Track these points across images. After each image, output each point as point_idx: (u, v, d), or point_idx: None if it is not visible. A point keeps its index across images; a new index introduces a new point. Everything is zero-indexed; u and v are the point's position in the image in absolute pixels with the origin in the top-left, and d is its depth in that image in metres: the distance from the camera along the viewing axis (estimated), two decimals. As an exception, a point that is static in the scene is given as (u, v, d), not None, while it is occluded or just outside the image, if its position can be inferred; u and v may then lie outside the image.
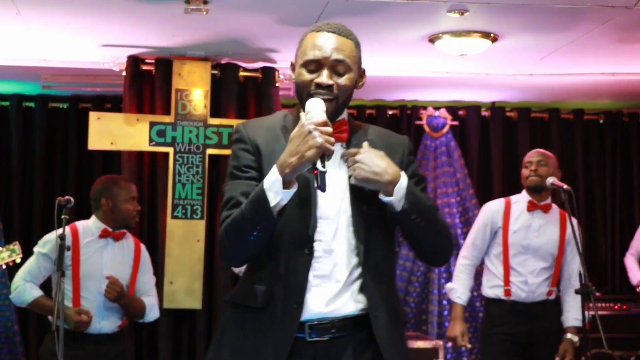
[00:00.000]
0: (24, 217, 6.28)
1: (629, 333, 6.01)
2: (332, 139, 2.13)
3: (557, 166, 4.67)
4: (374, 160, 2.20)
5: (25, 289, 4.19)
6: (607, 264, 6.79)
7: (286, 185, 2.12)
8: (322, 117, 2.16)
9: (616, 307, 6.07)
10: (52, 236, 4.23)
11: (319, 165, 2.12)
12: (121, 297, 4.18)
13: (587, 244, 6.75)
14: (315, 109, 2.19)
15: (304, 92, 2.26)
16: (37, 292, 4.20)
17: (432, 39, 4.97)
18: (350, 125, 2.36)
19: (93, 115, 5.47)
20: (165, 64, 5.52)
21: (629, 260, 5.91)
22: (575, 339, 4.52)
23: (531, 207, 4.59)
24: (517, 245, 4.55)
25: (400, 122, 6.72)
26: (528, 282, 4.52)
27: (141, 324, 5.44)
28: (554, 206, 4.68)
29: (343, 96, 2.28)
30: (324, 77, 2.23)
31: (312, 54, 2.24)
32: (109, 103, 6.32)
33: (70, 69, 5.77)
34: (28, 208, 6.32)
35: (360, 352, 2.24)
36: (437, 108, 6.69)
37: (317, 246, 2.23)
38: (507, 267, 4.55)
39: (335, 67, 2.25)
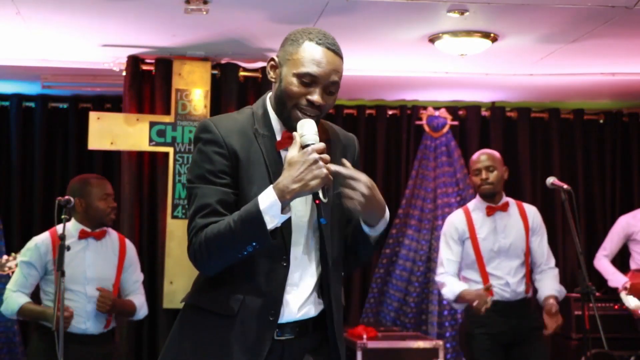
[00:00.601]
0: (24, 217, 6.29)
1: (629, 333, 6.00)
2: (331, 167, 2.15)
3: (503, 163, 4.72)
4: (378, 193, 2.23)
5: (11, 297, 4.22)
6: (607, 264, 6.78)
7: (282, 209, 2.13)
8: (319, 142, 2.17)
9: (616, 307, 6.07)
10: (31, 244, 4.26)
11: (321, 196, 2.12)
12: (113, 308, 4.20)
13: (587, 244, 6.75)
14: (309, 132, 2.18)
15: (290, 102, 2.24)
16: (23, 299, 4.21)
17: (432, 39, 4.96)
18: None
19: (93, 115, 5.47)
20: (165, 64, 5.52)
21: (604, 262, 5.88)
22: (555, 303, 4.53)
23: (490, 211, 4.65)
24: (488, 251, 4.59)
25: (400, 122, 6.72)
26: (509, 283, 4.56)
27: (141, 324, 5.45)
28: (510, 201, 4.73)
29: (325, 113, 2.29)
30: (317, 96, 2.22)
31: (311, 68, 2.22)
32: (109, 103, 6.32)
33: (70, 69, 5.76)
34: (28, 208, 6.32)
35: (320, 347, 2.34)
36: (437, 108, 6.69)
37: (291, 255, 2.26)
38: (484, 274, 4.58)
39: (329, 87, 2.25)
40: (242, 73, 5.69)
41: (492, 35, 4.90)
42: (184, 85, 5.48)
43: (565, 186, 4.17)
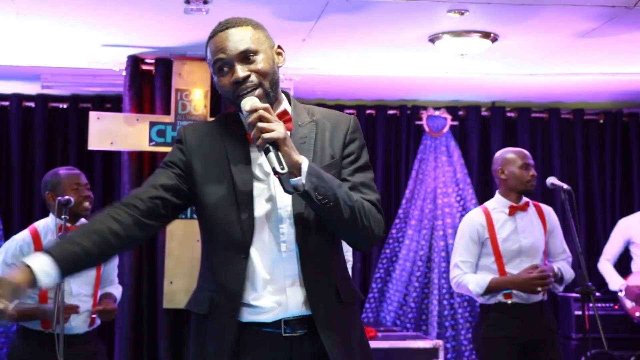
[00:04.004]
0: (24, 217, 6.28)
1: (629, 333, 6.00)
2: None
3: None
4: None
5: None
6: (607, 264, 6.78)
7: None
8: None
9: (616, 307, 6.07)
10: (11, 243, 4.17)
11: (277, 168, 2.07)
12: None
13: (587, 244, 6.75)
14: (253, 106, 2.17)
15: (230, 96, 2.26)
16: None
17: (432, 39, 4.97)
18: (294, 113, 2.34)
19: (93, 115, 5.47)
20: (165, 64, 5.52)
21: (605, 266, 5.83)
22: (545, 268, 4.43)
23: (512, 211, 4.52)
24: (509, 251, 4.47)
25: (400, 122, 6.72)
26: None
27: (141, 324, 5.45)
28: (529, 201, 4.64)
29: (266, 79, 2.26)
30: (238, 72, 2.23)
31: (216, 57, 2.26)
32: (109, 103, 6.32)
33: (70, 69, 5.77)
34: (28, 208, 6.32)
35: (332, 347, 2.24)
36: (437, 108, 6.69)
37: (283, 247, 2.22)
38: (504, 275, 4.48)
39: (244, 58, 2.25)
40: (242, 73, 5.69)
41: (492, 35, 4.90)
42: (184, 85, 5.48)
43: (565, 186, 4.17)
